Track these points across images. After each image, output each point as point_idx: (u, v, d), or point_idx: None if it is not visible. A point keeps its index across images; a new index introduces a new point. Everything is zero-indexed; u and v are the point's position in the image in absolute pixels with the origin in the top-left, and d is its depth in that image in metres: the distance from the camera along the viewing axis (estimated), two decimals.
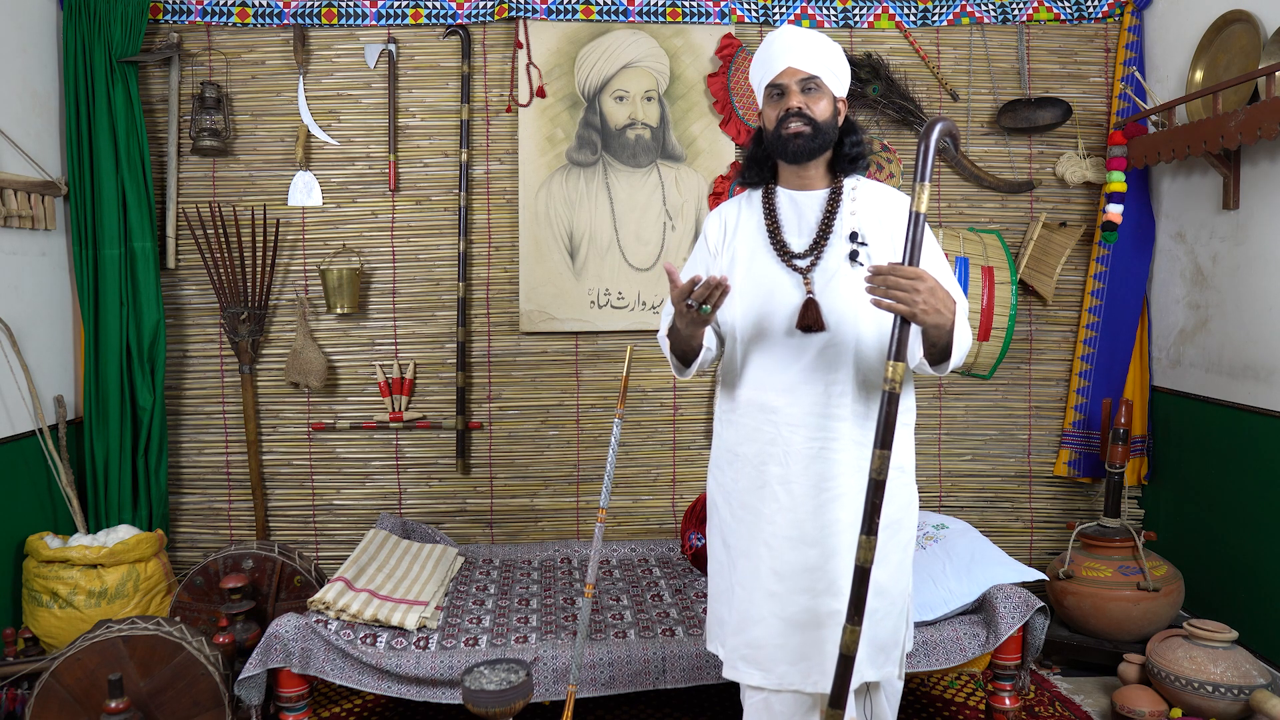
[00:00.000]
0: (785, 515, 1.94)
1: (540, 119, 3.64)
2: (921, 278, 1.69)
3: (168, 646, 2.50)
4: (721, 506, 2.09)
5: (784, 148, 1.95)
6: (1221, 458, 3.28)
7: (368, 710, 3.01)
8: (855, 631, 1.77)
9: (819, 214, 2.00)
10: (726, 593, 2.07)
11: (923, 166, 1.72)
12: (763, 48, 1.99)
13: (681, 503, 3.80)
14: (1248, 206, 3.13)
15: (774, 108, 1.97)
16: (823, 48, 1.95)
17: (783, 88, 1.94)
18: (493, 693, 2.22)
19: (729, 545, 2.07)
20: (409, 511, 3.75)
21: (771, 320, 1.95)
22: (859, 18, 3.70)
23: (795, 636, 1.93)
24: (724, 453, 2.09)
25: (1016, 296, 3.54)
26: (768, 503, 1.96)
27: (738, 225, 2.07)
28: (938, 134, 1.75)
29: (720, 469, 2.10)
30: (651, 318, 3.70)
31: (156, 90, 3.59)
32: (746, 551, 2.00)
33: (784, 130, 1.94)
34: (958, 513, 3.78)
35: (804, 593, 1.93)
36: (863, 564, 1.75)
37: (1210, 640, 2.81)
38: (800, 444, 1.93)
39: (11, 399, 3.16)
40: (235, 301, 3.58)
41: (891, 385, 1.72)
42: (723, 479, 2.09)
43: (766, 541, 1.95)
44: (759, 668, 1.96)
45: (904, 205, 2.01)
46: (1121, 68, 3.67)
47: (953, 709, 3.03)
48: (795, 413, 1.93)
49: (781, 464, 1.94)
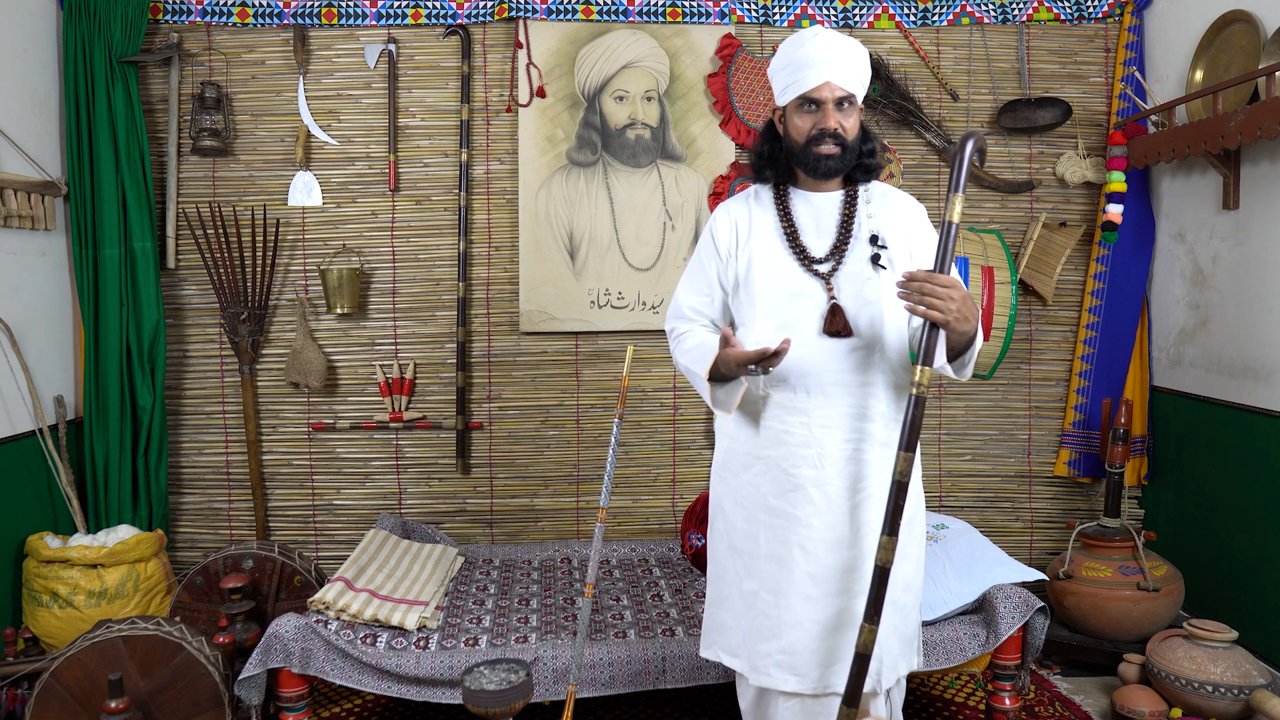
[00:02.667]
0: (821, 518, 1.92)
1: (540, 119, 3.64)
2: (956, 286, 1.72)
3: (168, 646, 2.50)
4: (731, 511, 2.05)
5: (814, 166, 1.93)
6: (1221, 458, 3.28)
7: (368, 710, 3.01)
8: (873, 631, 1.80)
9: (837, 216, 1.97)
10: (734, 598, 2.04)
11: (956, 178, 1.74)
12: (797, 49, 1.92)
13: (681, 503, 3.80)
14: (1248, 206, 3.13)
15: (807, 120, 1.92)
16: (860, 62, 1.92)
17: (818, 103, 1.90)
18: (493, 693, 2.22)
19: (740, 551, 2.03)
20: (409, 511, 3.75)
21: (795, 325, 1.92)
22: (859, 18, 3.70)
23: (830, 639, 1.92)
24: (740, 456, 2.03)
25: (1016, 296, 3.54)
26: (801, 506, 1.92)
27: (751, 227, 2.01)
28: (971, 148, 1.76)
29: (733, 473, 2.05)
30: (652, 317, 3.69)
31: (156, 90, 3.59)
32: (774, 556, 1.95)
33: (816, 149, 1.91)
34: (958, 513, 3.78)
35: (840, 595, 1.92)
36: (884, 564, 1.79)
37: (1210, 640, 2.81)
38: (835, 446, 1.91)
39: (11, 399, 3.16)
40: (235, 301, 3.58)
41: (920, 389, 1.76)
42: (736, 483, 2.03)
43: (801, 545, 1.92)
44: (795, 673, 1.94)
45: (915, 207, 2.02)
46: (1121, 68, 3.67)
47: (953, 709, 3.03)
48: (829, 414, 1.91)
49: (815, 466, 1.91)
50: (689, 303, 2.10)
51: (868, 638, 1.80)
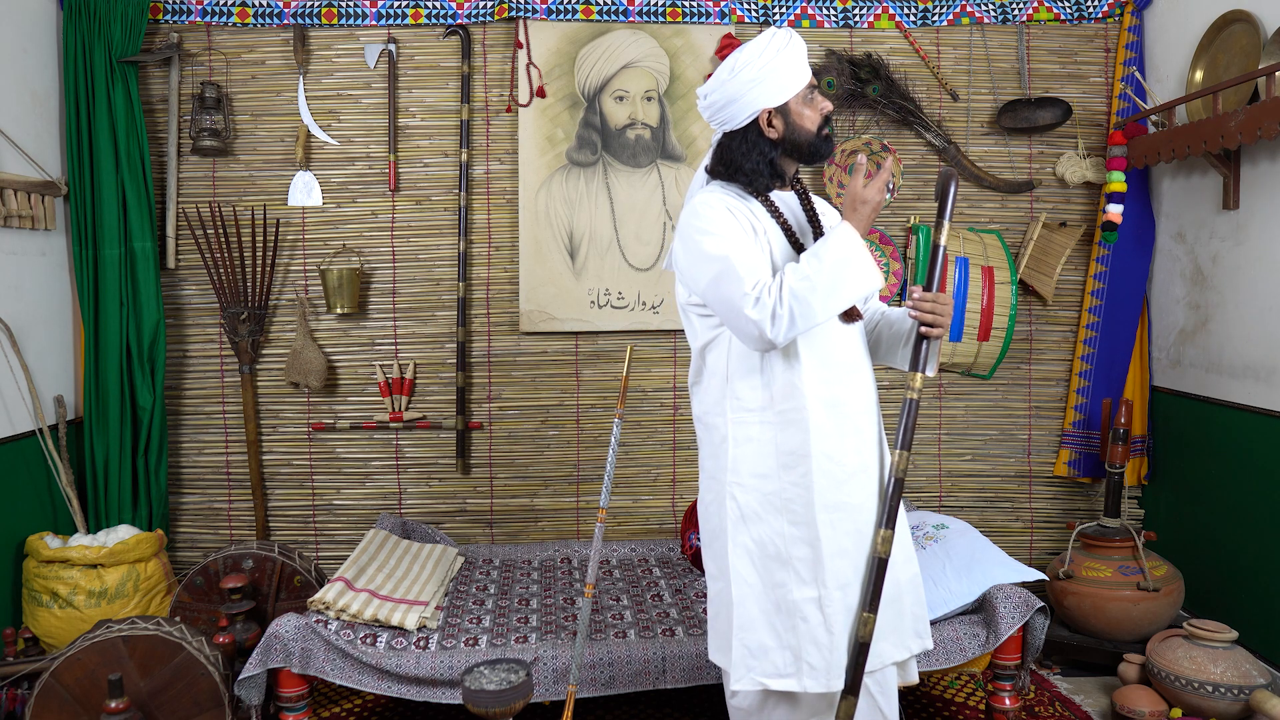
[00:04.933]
0: (874, 500, 1.99)
1: (540, 119, 3.64)
2: (948, 302, 1.97)
3: (168, 646, 2.50)
4: (772, 518, 1.94)
5: (828, 151, 2.02)
6: (1221, 458, 3.28)
7: (368, 710, 3.01)
8: (872, 620, 1.90)
9: (801, 212, 2.07)
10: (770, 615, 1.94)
11: (941, 212, 1.95)
12: (791, 47, 1.93)
13: (681, 503, 3.80)
14: (1248, 206, 3.13)
15: (814, 109, 1.98)
16: None
17: (814, 90, 1.99)
18: (493, 693, 2.22)
19: (789, 559, 1.93)
20: (409, 511, 3.75)
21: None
22: (859, 18, 3.70)
23: (887, 612, 1.98)
24: (781, 456, 1.93)
25: (1016, 296, 3.55)
26: (856, 493, 1.96)
27: (754, 225, 1.97)
28: (954, 190, 1.96)
29: (767, 478, 1.95)
30: (652, 317, 3.69)
31: (156, 90, 3.59)
32: (843, 550, 1.92)
33: (824, 133, 2.00)
34: (958, 513, 3.78)
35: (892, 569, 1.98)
36: (884, 556, 1.92)
37: (1210, 640, 2.81)
38: (867, 428, 2.01)
39: (11, 399, 3.16)
40: (235, 301, 3.58)
41: (915, 393, 1.95)
42: (776, 486, 1.94)
43: (860, 530, 1.96)
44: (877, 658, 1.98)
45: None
46: (1121, 68, 3.67)
47: (953, 709, 3.03)
48: (858, 402, 2.01)
49: (857, 453, 1.98)
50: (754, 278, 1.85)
51: (869, 627, 1.90)
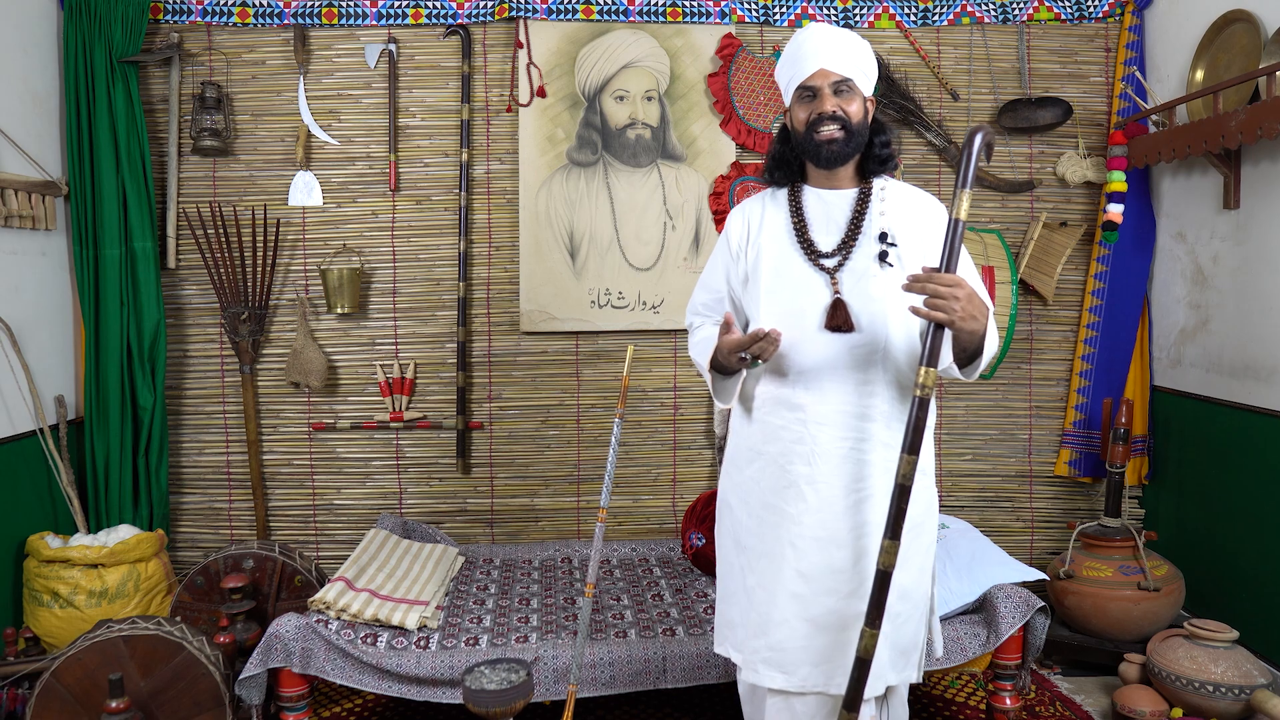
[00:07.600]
0: (813, 515, 1.90)
1: (540, 119, 3.64)
2: (960, 285, 1.70)
3: (168, 646, 2.50)
4: (737, 507, 2.06)
5: (817, 153, 1.93)
6: (1222, 458, 3.28)
7: (368, 710, 3.01)
8: (874, 635, 1.78)
9: (848, 213, 1.97)
10: (739, 594, 2.04)
11: (964, 174, 1.72)
12: (793, 46, 1.95)
13: (681, 503, 3.80)
14: (1248, 206, 3.13)
15: (805, 109, 1.93)
16: (855, 47, 1.93)
17: (815, 90, 1.91)
18: (493, 692, 2.22)
19: (744, 546, 2.03)
20: (409, 511, 3.75)
21: (798, 319, 1.92)
22: (859, 18, 3.70)
23: (819, 638, 1.90)
24: (744, 451, 2.04)
25: (1017, 296, 3.54)
26: (793, 503, 1.92)
27: (762, 222, 2.03)
28: (980, 142, 1.74)
29: (738, 468, 2.06)
30: (652, 317, 3.70)
31: (157, 90, 3.59)
32: (768, 552, 1.96)
33: (816, 135, 1.91)
34: (958, 513, 3.78)
35: (830, 594, 1.90)
36: (885, 568, 1.76)
37: (1211, 640, 2.81)
38: (828, 442, 1.90)
39: (12, 399, 3.16)
40: (235, 301, 3.58)
41: (924, 391, 1.74)
42: (740, 478, 2.05)
43: (792, 542, 1.91)
44: (781, 670, 1.93)
45: (934, 207, 2.01)
46: (1122, 67, 3.67)
47: (953, 709, 3.03)
48: (823, 410, 1.90)
49: (807, 463, 1.91)
50: (701, 299, 2.18)
51: (869, 642, 1.78)
